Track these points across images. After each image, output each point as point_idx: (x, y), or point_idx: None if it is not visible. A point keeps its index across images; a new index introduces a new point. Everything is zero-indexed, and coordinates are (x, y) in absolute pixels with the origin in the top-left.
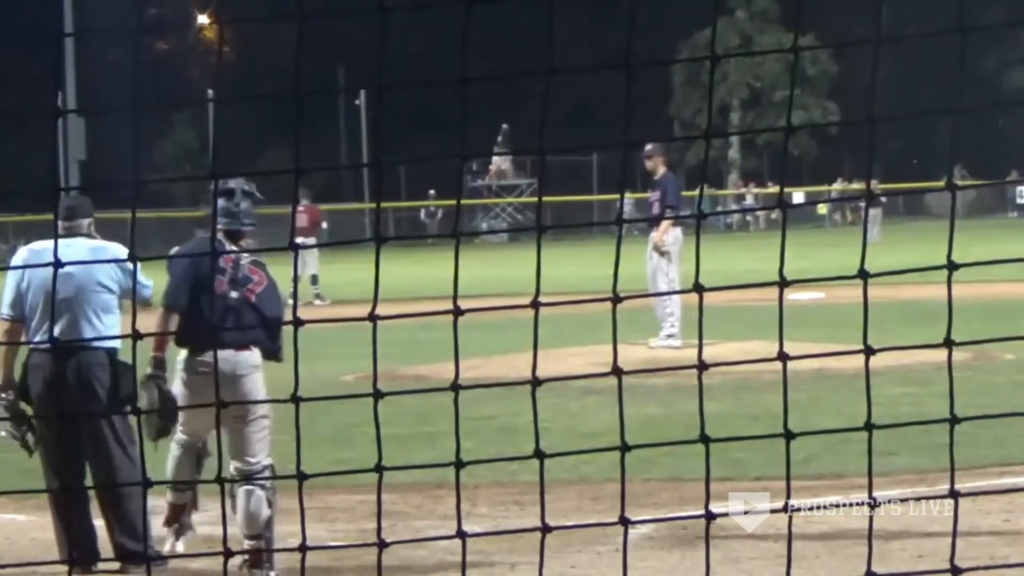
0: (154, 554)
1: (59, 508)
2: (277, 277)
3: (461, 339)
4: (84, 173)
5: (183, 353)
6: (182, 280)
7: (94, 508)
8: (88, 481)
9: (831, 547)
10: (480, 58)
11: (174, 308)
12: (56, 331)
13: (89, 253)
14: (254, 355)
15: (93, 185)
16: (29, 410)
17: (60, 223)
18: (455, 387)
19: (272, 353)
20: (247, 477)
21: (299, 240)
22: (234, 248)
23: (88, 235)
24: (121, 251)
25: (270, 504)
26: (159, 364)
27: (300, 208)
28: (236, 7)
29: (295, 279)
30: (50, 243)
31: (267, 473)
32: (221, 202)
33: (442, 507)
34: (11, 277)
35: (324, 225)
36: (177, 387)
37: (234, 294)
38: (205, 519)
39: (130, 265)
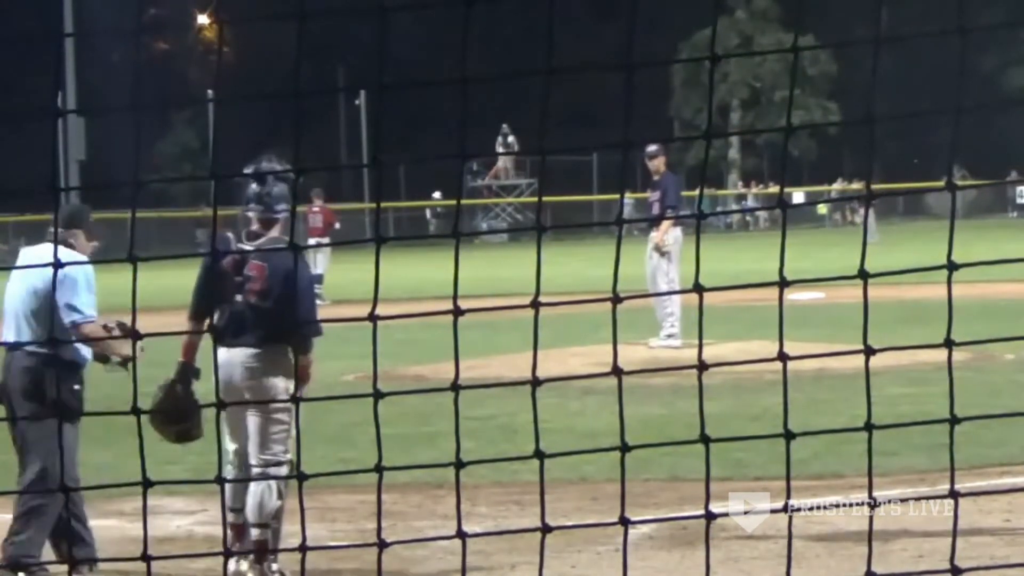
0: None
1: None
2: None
3: (461, 339)
4: (84, 173)
5: None
6: (198, 291)
7: (93, 508)
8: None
9: (831, 547)
10: (480, 58)
11: (192, 317)
12: (11, 335)
13: (41, 259)
14: (262, 354)
15: (93, 185)
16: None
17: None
18: (455, 387)
19: (299, 343)
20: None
21: (313, 241)
22: (244, 246)
23: (64, 242)
24: (62, 262)
25: (280, 495)
26: (182, 369)
27: (315, 209)
28: (236, 7)
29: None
30: (35, 248)
31: (285, 468)
32: (253, 187)
33: (442, 507)
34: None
35: (337, 225)
36: None
37: (238, 297)
38: (205, 519)
39: (77, 279)
